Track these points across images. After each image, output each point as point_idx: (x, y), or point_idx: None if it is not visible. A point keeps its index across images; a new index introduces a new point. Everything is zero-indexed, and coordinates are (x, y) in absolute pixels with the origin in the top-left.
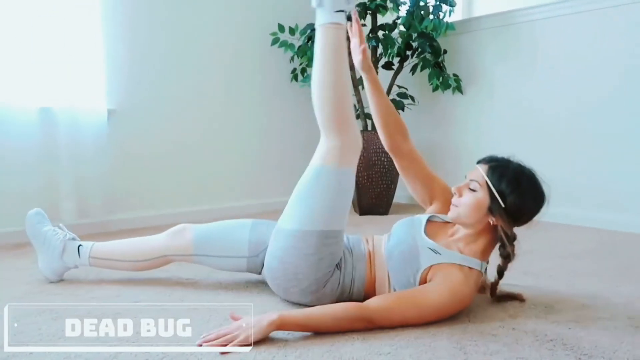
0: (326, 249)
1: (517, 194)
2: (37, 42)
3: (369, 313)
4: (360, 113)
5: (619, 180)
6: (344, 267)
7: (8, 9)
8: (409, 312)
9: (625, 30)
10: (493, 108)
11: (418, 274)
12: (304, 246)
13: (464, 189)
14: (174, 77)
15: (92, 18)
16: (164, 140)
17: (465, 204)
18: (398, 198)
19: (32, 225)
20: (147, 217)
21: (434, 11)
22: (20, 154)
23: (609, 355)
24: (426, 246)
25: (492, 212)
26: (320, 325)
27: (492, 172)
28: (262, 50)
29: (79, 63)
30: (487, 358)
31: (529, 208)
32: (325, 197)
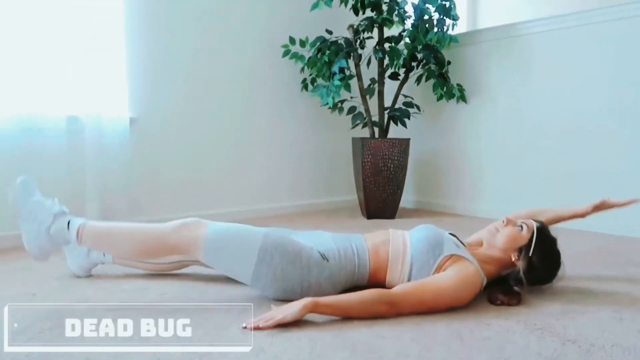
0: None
1: (544, 257)
2: (65, 56)
3: (391, 296)
4: (367, 121)
5: (614, 186)
6: (336, 256)
7: (38, 27)
8: (426, 296)
9: (620, 43)
10: (495, 116)
11: (439, 259)
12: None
13: (512, 222)
14: (191, 87)
15: (116, 32)
16: (182, 146)
17: (508, 232)
18: (404, 203)
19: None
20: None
21: (438, 24)
22: (50, 159)
23: (592, 341)
24: (451, 239)
25: (520, 253)
26: (348, 307)
27: (540, 230)
28: (274, 62)
29: (103, 74)
30: (480, 342)
31: (541, 273)
32: (228, 253)
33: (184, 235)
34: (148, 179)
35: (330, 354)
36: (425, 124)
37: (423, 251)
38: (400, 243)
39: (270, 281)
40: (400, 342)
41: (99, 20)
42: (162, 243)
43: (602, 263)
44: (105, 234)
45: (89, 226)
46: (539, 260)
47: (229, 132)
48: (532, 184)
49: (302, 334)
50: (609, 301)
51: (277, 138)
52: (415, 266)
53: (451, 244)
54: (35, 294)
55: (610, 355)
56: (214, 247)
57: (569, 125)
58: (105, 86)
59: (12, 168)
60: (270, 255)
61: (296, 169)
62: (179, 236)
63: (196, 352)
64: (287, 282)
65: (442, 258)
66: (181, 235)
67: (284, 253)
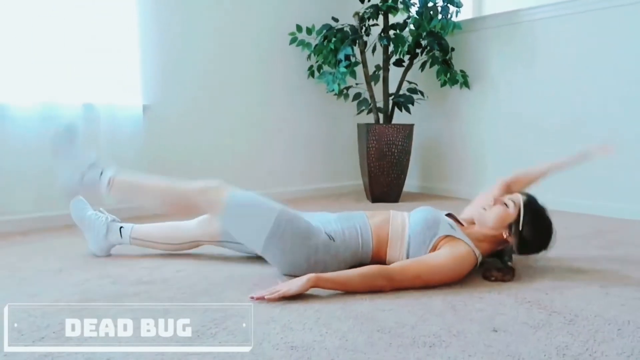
0: (288, 236)
1: (534, 230)
2: (80, 45)
3: (389, 271)
4: (372, 107)
5: (613, 172)
6: (341, 236)
7: (55, 18)
8: (422, 272)
9: (623, 30)
10: (498, 102)
11: (434, 238)
12: (275, 249)
13: (500, 201)
14: (202, 75)
15: (129, 23)
16: (194, 132)
17: (496, 212)
18: (408, 187)
19: (77, 212)
20: None
21: (442, 12)
22: None
23: (576, 312)
24: (446, 221)
25: (510, 230)
26: (349, 281)
27: (527, 203)
28: (282, 49)
29: (117, 63)
30: (472, 314)
31: (534, 244)
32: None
33: (206, 199)
34: (160, 165)
35: (335, 323)
36: (429, 110)
37: (420, 231)
38: (400, 223)
39: (280, 253)
40: (399, 313)
41: (113, 9)
42: (185, 201)
43: (595, 243)
44: (133, 188)
45: (119, 179)
46: (529, 233)
47: (239, 118)
48: None
49: (309, 305)
50: (597, 278)
51: (284, 124)
52: (412, 245)
53: (446, 225)
54: (61, 269)
55: (592, 324)
56: (233, 213)
57: (570, 111)
58: (119, 74)
59: (31, 154)
60: (283, 229)
61: (302, 154)
62: (202, 198)
63: (196, 352)
64: (295, 257)
65: (437, 238)
66: (204, 198)
67: (295, 229)
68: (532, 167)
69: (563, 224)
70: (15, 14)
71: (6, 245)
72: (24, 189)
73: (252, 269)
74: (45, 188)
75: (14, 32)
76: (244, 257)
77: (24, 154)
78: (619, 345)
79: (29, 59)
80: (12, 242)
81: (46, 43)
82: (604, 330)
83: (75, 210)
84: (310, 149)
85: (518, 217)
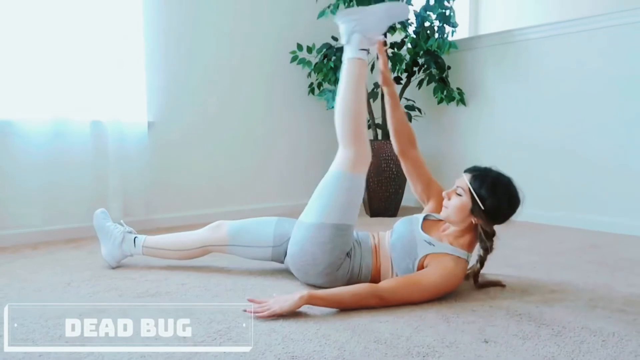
0: (339, 239)
1: (494, 198)
2: (89, 64)
3: (380, 291)
4: (371, 124)
5: (604, 187)
6: (354, 256)
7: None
8: (412, 290)
9: (615, 49)
10: (493, 118)
11: (416, 262)
12: (320, 236)
13: (452, 193)
14: (205, 93)
15: (136, 41)
16: (197, 148)
17: (453, 205)
18: (406, 201)
19: (99, 221)
20: (181, 216)
21: (439, 31)
22: (76, 160)
23: (564, 324)
24: (422, 239)
25: (474, 213)
26: (341, 300)
27: (474, 179)
28: (283, 67)
29: (124, 82)
30: (465, 325)
31: (504, 210)
32: (340, 196)
33: (213, 238)
34: (165, 180)
35: (334, 334)
36: (427, 126)
37: (401, 260)
38: (385, 251)
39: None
40: (395, 325)
41: (120, 29)
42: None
43: (587, 258)
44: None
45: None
46: (493, 207)
47: (241, 134)
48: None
49: (309, 317)
50: (586, 291)
51: (285, 140)
52: (400, 273)
53: (423, 244)
54: (69, 282)
55: (578, 335)
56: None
57: (564, 127)
58: (125, 93)
59: (40, 169)
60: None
61: (303, 168)
62: (209, 239)
63: (196, 352)
64: (325, 258)
65: (419, 260)
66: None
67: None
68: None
69: (556, 238)
70: (24, 33)
71: (16, 258)
72: (33, 203)
73: (255, 281)
74: (54, 202)
75: (23, 50)
76: (246, 271)
77: (33, 169)
78: (602, 355)
79: (39, 77)
80: (21, 255)
81: (55, 61)
82: (589, 342)
83: (98, 219)
84: (311, 163)
85: (473, 199)
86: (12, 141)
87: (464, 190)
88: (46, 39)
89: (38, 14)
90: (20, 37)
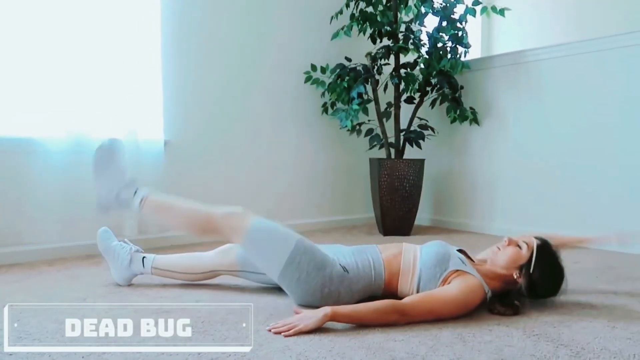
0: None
1: (544, 274)
2: (107, 82)
3: (402, 306)
4: (384, 142)
5: (618, 206)
6: (355, 269)
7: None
8: (434, 306)
9: (626, 70)
10: (506, 138)
11: (444, 273)
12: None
13: (514, 242)
14: (221, 112)
15: (154, 61)
16: (211, 165)
17: (509, 252)
18: (419, 220)
19: (103, 241)
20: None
21: (451, 52)
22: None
23: (583, 345)
24: (457, 256)
25: (521, 271)
26: (363, 316)
27: (540, 247)
28: (297, 87)
29: (141, 100)
30: (481, 345)
31: (543, 288)
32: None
33: (230, 224)
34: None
35: (348, 352)
36: (440, 145)
37: (431, 265)
38: (412, 256)
39: (295, 281)
40: (410, 344)
41: (137, 48)
42: (210, 225)
43: (603, 278)
44: (163, 208)
45: (151, 199)
46: (539, 277)
47: (256, 153)
48: (543, 204)
49: (324, 335)
50: (605, 312)
51: (299, 158)
52: (423, 278)
53: (457, 260)
54: (85, 298)
55: (598, 357)
56: (254, 238)
57: (577, 148)
58: (142, 112)
59: (57, 186)
60: (300, 257)
61: (317, 187)
62: (225, 223)
63: (196, 352)
64: (310, 286)
65: (448, 272)
66: (228, 223)
67: (312, 259)
68: (556, 235)
69: (573, 258)
70: (43, 51)
71: (33, 274)
72: (51, 219)
73: (268, 299)
74: (70, 218)
75: (42, 68)
76: (260, 288)
77: (51, 185)
78: None
79: (57, 95)
80: (38, 271)
81: (73, 79)
82: None
83: (102, 241)
84: (324, 182)
85: (530, 260)
86: (30, 158)
87: (527, 245)
88: (64, 57)
89: (57, 33)
90: (39, 55)
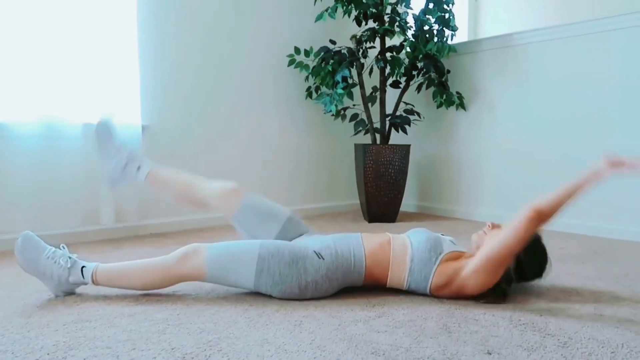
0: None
1: (530, 255)
2: (83, 66)
3: (536, 208)
4: (369, 128)
5: (610, 192)
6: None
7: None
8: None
9: (614, 53)
10: (493, 123)
11: (440, 256)
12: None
13: (497, 226)
14: (201, 96)
15: (129, 44)
16: (191, 152)
17: (495, 235)
18: (405, 207)
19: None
20: (174, 222)
21: (438, 35)
22: (67, 164)
23: (570, 334)
24: (447, 239)
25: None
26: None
27: None
28: (280, 71)
29: (117, 84)
30: (467, 336)
31: (530, 271)
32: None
33: (186, 266)
34: None
35: (329, 345)
36: (426, 131)
37: (425, 250)
38: (400, 244)
39: (272, 285)
40: (394, 335)
41: (113, 31)
42: (168, 274)
43: (589, 264)
44: (116, 275)
45: (101, 269)
46: (526, 258)
47: (237, 138)
48: (530, 189)
49: (303, 327)
50: (591, 300)
51: (281, 144)
52: (416, 264)
53: (449, 243)
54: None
55: (586, 346)
56: (216, 267)
57: (564, 131)
58: (119, 96)
59: (32, 173)
60: (267, 263)
61: (300, 174)
62: (182, 267)
63: (196, 352)
64: (286, 285)
65: (444, 255)
66: (184, 266)
67: (281, 259)
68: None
69: (558, 244)
70: (15, 33)
71: (2, 264)
72: (23, 207)
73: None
74: (44, 207)
75: (14, 51)
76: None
77: (22, 172)
78: None
79: (30, 78)
80: (8, 261)
81: (47, 62)
82: (598, 353)
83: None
84: (308, 168)
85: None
86: (1, 144)
87: None
88: (38, 39)
89: (31, 15)
90: (12, 37)
